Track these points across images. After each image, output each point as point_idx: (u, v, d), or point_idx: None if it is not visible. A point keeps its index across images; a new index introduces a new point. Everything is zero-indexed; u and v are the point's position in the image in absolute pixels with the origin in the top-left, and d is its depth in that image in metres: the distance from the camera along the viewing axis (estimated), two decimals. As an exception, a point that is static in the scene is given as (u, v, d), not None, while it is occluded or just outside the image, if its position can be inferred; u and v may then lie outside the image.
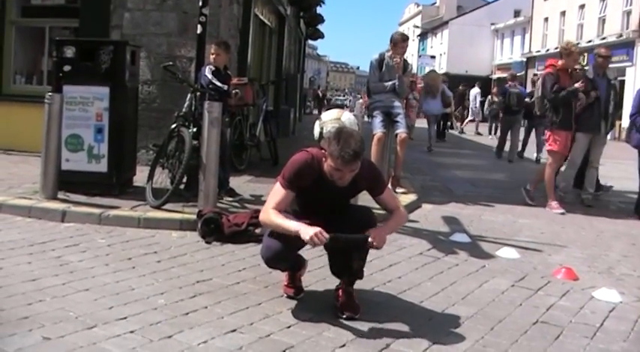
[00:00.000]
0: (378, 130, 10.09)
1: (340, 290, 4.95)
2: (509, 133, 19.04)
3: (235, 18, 12.92)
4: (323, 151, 4.69)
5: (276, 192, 4.76)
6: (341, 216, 4.84)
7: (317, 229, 4.42)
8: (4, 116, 12.02)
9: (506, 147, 18.90)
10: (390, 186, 10.07)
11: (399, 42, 10.27)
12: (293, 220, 4.61)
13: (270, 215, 4.66)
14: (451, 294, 5.58)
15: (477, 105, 32.49)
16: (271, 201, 4.74)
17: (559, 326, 4.91)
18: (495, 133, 26.54)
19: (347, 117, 5.23)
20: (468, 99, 33.32)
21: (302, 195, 4.81)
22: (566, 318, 5.12)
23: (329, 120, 5.18)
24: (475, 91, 32.94)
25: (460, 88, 34.54)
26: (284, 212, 4.71)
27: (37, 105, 9.71)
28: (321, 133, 5.08)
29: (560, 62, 10.32)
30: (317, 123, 5.20)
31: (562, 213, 9.91)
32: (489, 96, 29.62)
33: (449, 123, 27.40)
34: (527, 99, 18.17)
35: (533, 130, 18.68)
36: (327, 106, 56.22)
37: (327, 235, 4.42)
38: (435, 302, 5.35)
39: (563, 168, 10.74)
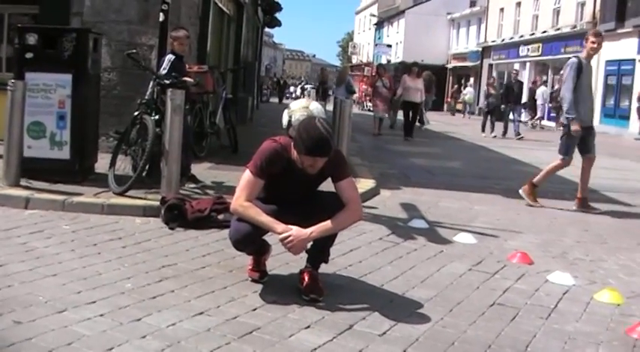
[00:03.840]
0: (568, 158, 9.71)
1: (305, 274, 5.07)
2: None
3: (195, 5, 12.96)
4: (291, 140, 4.83)
5: (247, 181, 4.88)
6: (310, 203, 4.97)
7: (300, 239, 4.72)
8: (-39, 102, 11.91)
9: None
10: (575, 206, 9.79)
11: (593, 36, 9.60)
12: (265, 214, 4.81)
13: (246, 208, 4.83)
14: (411, 278, 5.74)
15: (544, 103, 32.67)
16: (243, 192, 4.86)
17: (515, 308, 5.09)
18: (492, 131, 25.21)
19: (315, 106, 5.34)
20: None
21: (271, 182, 4.93)
22: (521, 300, 5.30)
23: (297, 108, 5.29)
24: (542, 90, 32.98)
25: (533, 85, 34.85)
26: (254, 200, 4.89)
27: (-4, 91, 9.68)
28: (289, 122, 5.19)
29: None
30: (285, 111, 5.32)
31: None
32: (485, 88, 28.33)
33: (422, 116, 25.20)
34: None
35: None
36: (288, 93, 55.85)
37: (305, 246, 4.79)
38: (396, 285, 5.50)
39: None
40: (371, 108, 28.64)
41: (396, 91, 22.93)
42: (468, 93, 47.23)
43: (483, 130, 25.78)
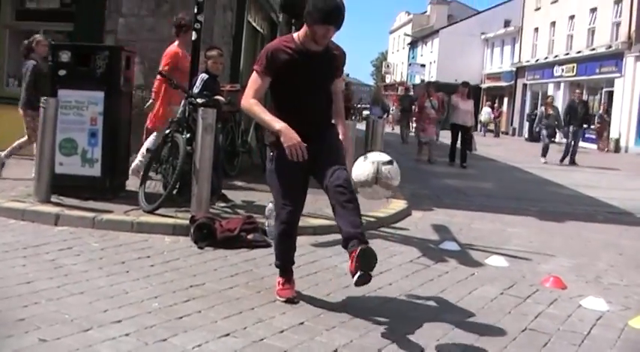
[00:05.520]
0: None
1: (352, 253, 4.62)
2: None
3: (229, 24, 13.00)
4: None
5: (253, 80, 5.02)
6: (321, 141, 4.96)
7: (298, 140, 4.68)
8: (-3, 119, 12.00)
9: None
10: None
11: None
12: (268, 113, 4.92)
13: (252, 105, 4.96)
14: (441, 301, 5.65)
15: None
16: (250, 90, 5.00)
17: (547, 334, 4.98)
18: (545, 154, 22.49)
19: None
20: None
21: (281, 77, 4.97)
22: (554, 326, 5.19)
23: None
24: None
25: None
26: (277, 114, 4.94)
27: (30, 108, 9.72)
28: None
29: None
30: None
31: None
32: (541, 108, 26.17)
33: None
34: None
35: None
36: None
37: (305, 151, 4.69)
38: (426, 308, 5.44)
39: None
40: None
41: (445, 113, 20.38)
42: (484, 113, 47.43)
43: (544, 155, 22.65)
